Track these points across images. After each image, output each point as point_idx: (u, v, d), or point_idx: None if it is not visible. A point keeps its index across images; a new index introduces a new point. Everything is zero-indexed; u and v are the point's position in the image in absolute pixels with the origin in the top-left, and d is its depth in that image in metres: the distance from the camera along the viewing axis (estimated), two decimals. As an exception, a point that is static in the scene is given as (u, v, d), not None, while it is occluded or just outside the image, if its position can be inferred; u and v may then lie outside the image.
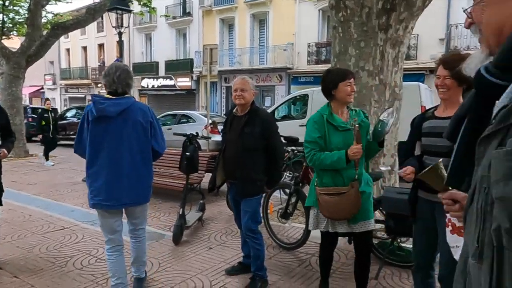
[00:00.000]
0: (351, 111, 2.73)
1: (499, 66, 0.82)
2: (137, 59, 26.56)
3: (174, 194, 6.37)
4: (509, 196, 0.71)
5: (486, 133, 0.81)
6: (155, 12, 13.33)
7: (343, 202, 2.57)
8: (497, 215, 0.75)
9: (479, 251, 0.82)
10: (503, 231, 0.74)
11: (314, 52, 18.71)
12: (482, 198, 0.81)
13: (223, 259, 3.77)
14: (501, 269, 0.76)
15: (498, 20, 0.85)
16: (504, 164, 0.73)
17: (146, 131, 2.72)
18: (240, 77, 3.18)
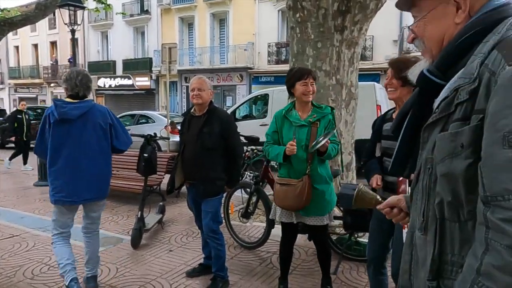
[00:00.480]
0: (314, 109, 2.81)
1: (440, 68, 0.97)
2: (92, 58, 25.59)
3: (133, 197, 6.20)
4: (453, 172, 0.85)
5: (430, 121, 0.94)
6: (111, 9, 12.90)
7: (290, 193, 2.73)
8: (440, 190, 0.89)
9: (424, 224, 0.96)
10: (445, 204, 0.88)
11: (275, 52, 18.90)
12: (426, 177, 0.95)
13: (183, 261, 3.71)
14: (443, 238, 0.90)
15: (438, 33, 0.99)
16: (448, 144, 0.86)
17: (106, 132, 2.92)
18: (197, 76, 3.15)
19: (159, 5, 21.97)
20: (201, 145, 3.01)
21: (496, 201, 0.74)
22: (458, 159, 0.84)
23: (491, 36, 0.89)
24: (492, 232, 0.75)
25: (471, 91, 0.83)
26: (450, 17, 0.97)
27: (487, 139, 0.78)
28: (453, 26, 0.97)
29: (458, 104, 0.86)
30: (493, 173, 0.76)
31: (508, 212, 0.73)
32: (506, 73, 0.77)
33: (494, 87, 0.78)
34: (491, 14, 0.92)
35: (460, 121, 0.85)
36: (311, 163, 2.73)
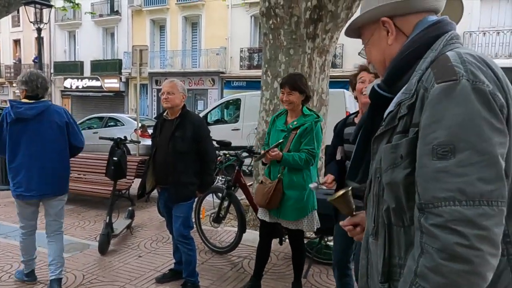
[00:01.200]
0: (301, 116, 2.87)
1: (387, 83, 1.06)
2: (59, 58, 24.75)
3: (100, 202, 6.04)
4: (394, 181, 0.93)
5: (378, 133, 1.02)
6: (79, 8, 12.56)
7: (260, 190, 2.89)
8: (386, 198, 0.97)
9: (375, 229, 1.03)
10: (391, 210, 0.96)
11: (247, 57, 18.98)
12: (376, 186, 1.03)
13: (153, 267, 3.65)
14: (391, 242, 0.98)
15: (379, 55, 1.10)
16: (390, 155, 0.94)
17: (63, 130, 3.07)
18: (169, 80, 3.14)
19: (129, 6, 21.58)
20: (173, 149, 2.99)
21: (428, 208, 0.82)
22: (398, 169, 0.92)
23: (429, 53, 0.97)
24: (425, 236, 0.83)
25: (409, 106, 0.91)
26: (385, 40, 1.07)
27: (420, 151, 0.86)
28: (388, 47, 1.07)
29: (400, 117, 0.94)
30: (424, 182, 0.84)
31: (437, 218, 0.80)
32: (434, 90, 0.85)
33: (426, 103, 0.86)
34: (428, 31, 1.00)
35: (401, 134, 0.93)
36: (283, 169, 2.82)
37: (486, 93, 0.82)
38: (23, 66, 25.73)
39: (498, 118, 0.82)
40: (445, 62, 0.89)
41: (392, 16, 1.04)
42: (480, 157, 0.79)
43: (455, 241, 0.77)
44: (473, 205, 0.78)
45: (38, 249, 3.40)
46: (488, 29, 14.54)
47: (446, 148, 0.81)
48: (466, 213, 0.77)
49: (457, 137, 0.80)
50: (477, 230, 0.77)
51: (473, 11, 14.11)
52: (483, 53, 0.95)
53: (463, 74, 0.83)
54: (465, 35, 14.16)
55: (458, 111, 0.81)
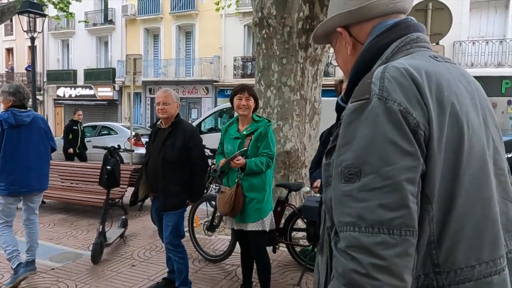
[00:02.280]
0: (253, 122, 2.94)
1: (347, 96, 0.99)
2: (52, 67, 24.66)
3: (93, 211, 6.01)
4: (325, 200, 0.91)
5: (328, 147, 0.96)
6: (72, 17, 12.57)
7: (222, 199, 2.89)
8: (324, 216, 0.95)
9: (320, 246, 1.01)
10: (329, 229, 0.92)
11: (240, 66, 19.08)
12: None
13: (146, 276, 3.64)
14: (331, 258, 0.91)
15: (343, 63, 1.07)
16: (324, 173, 0.92)
17: (46, 134, 3.60)
18: (163, 89, 3.16)
19: (123, 16, 21.64)
20: (163, 158, 3.01)
21: (339, 232, 0.80)
22: (328, 189, 0.89)
23: (379, 63, 0.90)
24: (334, 259, 0.82)
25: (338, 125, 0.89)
26: (345, 50, 1.03)
27: (333, 173, 0.84)
28: (349, 58, 1.03)
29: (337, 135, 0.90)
30: (334, 205, 0.82)
31: (341, 242, 0.78)
32: (347, 110, 0.82)
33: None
34: (380, 38, 0.93)
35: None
36: (241, 173, 2.86)
37: (395, 112, 0.76)
38: (15, 75, 25.61)
39: (408, 140, 0.75)
40: (366, 78, 0.84)
41: (347, 26, 0.99)
42: (383, 182, 0.74)
43: (352, 267, 0.75)
44: (371, 232, 0.73)
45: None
46: (477, 38, 14.80)
47: (352, 171, 0.77)
48: (363, 241, 0.74)
49: (363, 160, 0.76)
50: (374, 259, 0.73)
51: (462, 21, 14.36)
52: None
53: (376, 92, 0.78)
54: (455, 44, 14.38)
55: (365, 133, 0.77)
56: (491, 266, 0.81)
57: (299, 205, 4.15)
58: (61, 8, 11.47)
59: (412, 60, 0.85)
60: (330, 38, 1.08)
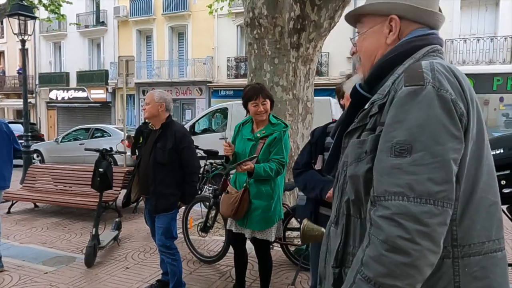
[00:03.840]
0: (268, 125, 2.84)
1: (368, 84, 1.09)
2: (44, 69, 24.47)
3: (86, 214, 5.98)
4: (356, 174, 0.97)
5: (350, 129, 1.06)
6: (64, 20, 12.48)
7: (226, 200, 2.82)
8: (347, 190, 1.02)
9: (336, 218, 1.09)
10: (350, 202, 1.01)
11: (234, 66, 19.07)
12: (342, 178, 1.07)
13: (141, 278, 3.62)
14: (348, 231, 1.03)
15: (372, 50, 1.10)
16: (356, 150, 0.98)
17: (9, 138, 3.94)
18: (152, 91, 3.17)
19: (115, 17, 21.53)
20: (153, 160, 3.00)
21: (379, 201, 0.86)
22: (361, 163, 0.96)
23: (408, 61, 1.01)
24: (373, 228, 0.87)
25: (380, 105, 0.96)
26: (383, 37, 1.08)
27: (380, 147, 0.90)
28: (385, 45, 1.08)
29: (371, 116, 0.98)
30: (379, 176, 0.88)
31: (384, 210, 0.84)
32: (402, 92, 0.89)
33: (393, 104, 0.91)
34: (414, 40, 1.04)
35: (369, 131, 0.97)
36: (250, 178, 2.73)
37: (448, 101, 0.86)
38: (7, 78, 25.39)
39: (456, 125, 0.86)
40: (416, 68, 0.93)
41: (401, 17, 1.05)
42: (433, 159, 0.83)
43: (397, 233, 0.82)
44: (419, 202, 0.82)
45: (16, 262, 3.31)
46: (468, 36, 14.90)
47: (404, 147, 0.85)
48: (412, 209, 0.81)
49: (415, 138, 0.84)
50: (419, 226, 0.81)
51: (453, 19, 14.46)
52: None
53: (430, 81, 0.88)
54: (446, 42, 14.46)
55: (419, 114, 0.85)
56: (496, 244, 0.95)
57: (293, 204, 4.15)
58: (52, 10, 11.39)
59: (443, 61, 0.97)
60: (365, 20, 1.11)
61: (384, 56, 1.05)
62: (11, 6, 8.73)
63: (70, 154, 11.84)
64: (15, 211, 6.26)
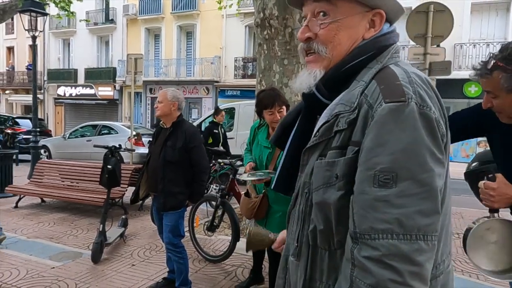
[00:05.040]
0: None
1: (329, 87, 0.94)
2: (52, 65, 24.67)
3: (93, 210, 6.01)
4: (326, 201, 0.84)
5: (310, 144, 0.92)
6: (74, 17, 12.57)
7: (245, 203, 2.85)
8: (313, 217, 0.89)
9: (298, 249, 0.94)
10: (317, 231, 0.88)
11: (241, 67, 19.09)
12: (303, 202, 0.93)
13: (146, 275, 3.64)
14: (313, 265, 0.90)
15: (348, 43, 0.92)
16: (323, 173, 0.86)
17: None
18: (166, 89, 3.18)
19: (125, 15, 21.66)
20: (163, 158, 3.01)
21: (363, 239, 0.76)
22: (331, 189, 0.84)
23: (374, 64, 0.89)
24: (357, 270, 0.76)
25: (350, 121, 0.83)
26: (362, 30, 0.93)
27: (360, 176, 0.78)
28: (360, 40, 0.93)
29: (337, 131, 0.86)
30: (362, 210, 0.76)
31: (372, 251, 0.74)
32: (382, 110, 0.77)
33: (371, 122, 0.79)
34: (380, 39, 0.92)
35: (337, 149, 0.85)
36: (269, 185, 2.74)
37: (432, 120, 0.77)
38: (16, 73, 25.62)
39: (439, 148, 0.78)
40: (392, 79, 0.82)
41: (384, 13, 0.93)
42: (420, 188, 0.74)
43: (389, 277, 0.72)
44: (410, 239, 0.73)
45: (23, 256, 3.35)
46: (478, 41, 14.80)
47: (389, 175, 0.74)
48: (402, 248, 0.72)
49: (400, 164, 0.74)
50: (411, 266, 0.72)
51: (463, 23, 14.36)
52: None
53: (412, 97, 0.77)
54: (456, 46, 14.38)
55: (403, 137, 0.75)
56: (450, 259, 0.92)
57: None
58: (62, 7, 11.47)
59: (414, 69, 0.87)
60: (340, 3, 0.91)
61: (354, 56, 0.91)
62: (22, 2, 8.81)
63: (77, 150, 11.91)
64: (22, 205, 6.31)
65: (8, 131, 13.91)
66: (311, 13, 0.93)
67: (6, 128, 14.02)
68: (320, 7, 0.92)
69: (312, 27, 0.93)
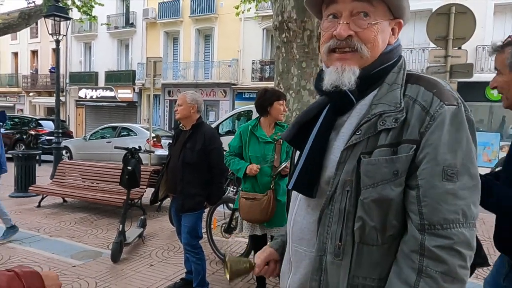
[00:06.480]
0: (277, 127, 2.99)
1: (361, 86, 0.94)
2: (74, 68, 25.28)
3: (112, 210, 6.12)
4: (385, 198, 0.86)
5: (353, 142, 0.91)
6: (95, 21, 12.87)
7: (255, 207, 2.86)
8: (362, 215, 0.88)
9: (341, 248, 0.92)
10: (367, 228, 0.88)
11: (258, 69, 19.13)
12: (344, 200, 0.91)
13: (164, 276, 3.68)
14: (359, 261, 0.90)
15: (382, 46, 0.97)
16: (381, 170, 0.87)
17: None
18: (186, 92, 3.24)
19: (144, 19, 22.02)
20: (182, 160, 3.05)
21: (434, 229, 0.82)
22: (391, 185, 0.86)
23: (397, 69, 0.97)
24: (427, 259, 0.82)
25: (401, 121, 0.87)
26: (388, 36, 0.99)
27: (428, 171, 0.85)
28: (386, 46, 0.99)
29: (384, 130, 0.88)
30: (435, 203, 0.83)
31: (444, 240, 0.81)
32: (445, 112, 0.86)
33: (431, 122, 0.86)
34: (399, 48, 1.02)
35: (386, 147, 0.87)
36: (274, 178, 2.88)
37: (473, 123, 0.89)
38: (39, 76, 26.35)
39: (476, 147, 0.89)
40: (440, 85, 0.91)
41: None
42: (473, 182, 0.85)
43: (458, 263, 0.81)
44: (470, 227, 0.83)
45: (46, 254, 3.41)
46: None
47: (453, 170, 0.83)
48: (467, 235, 0.82)
49: (461, 161, 0.84)
50: (471, 251, 0.83)
51: (486, 25, 14.04)
52: None
53: (460, 102, 0.89)
54: (478, 48, 14.07)
55: (461, 135, 0.86)
56: None
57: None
58: (84, 11, 11.77)
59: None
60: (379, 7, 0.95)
61: (386, 59, 0.97)
62: (47, 7, 9.07)
63: (97, 151, 12.15)
64: (45, 205, 6.48)
65: (32, 132, 14.30)
66: (349, 11, 0.94)
67: (30, 129, 14.42)
68: (362, 7, 0.93)
69: (354, 26, 0.94)
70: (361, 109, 0.95)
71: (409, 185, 0.86)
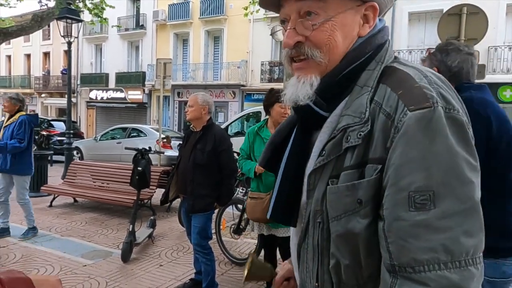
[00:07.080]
0: None
1: (326, 96, 0.80)
2: (85, 70, 25.58)
3: (122, 210, 6.17)
4: (351, 232, 0.72)
5: (317, 166, 0.78)
6: (106, 23, 13.01)
7: (258, 206, 2.87)
8: (335, 252, 0.76)
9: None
10: (342, 267, 0.76)
11: (267, 71, 19.13)
12: (317, 233, 0.79)
13: (174, 276, 3.70)
14: None
15: (345, 45, 0.81)
16: (343, 199, 0.73)
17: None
18: (196, 93, 3.25)
19: (154, 21, 22.19)
20: (192, 161, 3.07)
21: (405, 273, 0.65)
22: (355, 217, 0.72)
23: (374, 65, 0.79)
24: None
25: (364, 135, 0.71)
26: (356, 27, 0.81)
27: (391, 199, 0.67)
28: (353, 39, 0.81)
29: (349, 148, 0.73)
30: (400, 240, 0.66)
31: (418, 286, 0.64)
32: (408, 120, 0.66)
33: (395, 134, 0.68)
34: (377, 37, 0.82)
35: (352, 169, 0.73)
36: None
37: (462, 124, 0.67)
38: (51, 78, 26.70)
39: (474, 155, 0.67)
40: (409, 81, 0.71)
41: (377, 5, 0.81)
42: (462, 205, 0.64)
43: None
44: (459, 266, 0.63)
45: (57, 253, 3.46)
46: (514, 43, 14.24)
47: (425, 195, 0.64)
48: (453, 279, 0.62)
49: (436, 180, 0.64)
50: None
51: (498, 25, 13.86)
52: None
53: (437, 100, 0.67)
54: (490, 49, 13.89)
55: (435, 148, 0.65)
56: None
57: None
58: (96, 13, 11.90)
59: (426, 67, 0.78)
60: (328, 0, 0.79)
61: (352, 58, 0.79)
62: (59, 10, 9.20)
63: (107, 152, 12.26)
64: (56, 204, 6.56)
65: (44, 133, 14.51)
66: (296, 13, 0.80)
67: (42, 130, 14.63)
68: (307, 6, 0.79)
69: (301, 30, 0.79)
70: (332, 122, 0.79)
71: (380, 215, 0.70)
